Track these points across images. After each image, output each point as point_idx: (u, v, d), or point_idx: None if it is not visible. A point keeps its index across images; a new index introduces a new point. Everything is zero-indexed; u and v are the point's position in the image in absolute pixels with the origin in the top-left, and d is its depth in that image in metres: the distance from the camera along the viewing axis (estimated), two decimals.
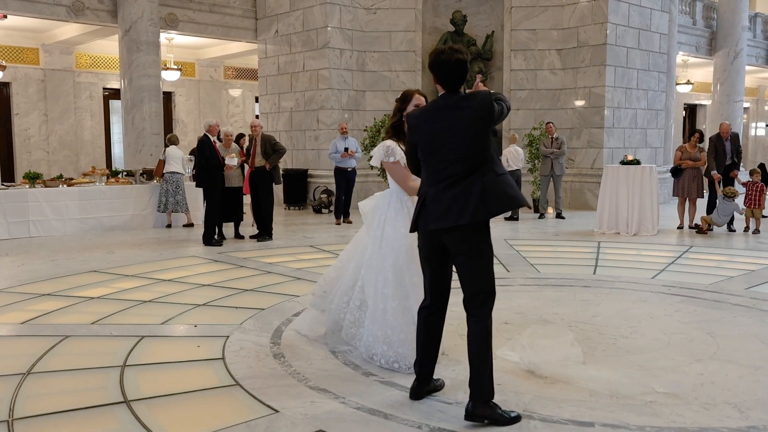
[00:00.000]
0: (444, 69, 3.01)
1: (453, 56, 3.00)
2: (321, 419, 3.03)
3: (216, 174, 8.28)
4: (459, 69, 3.00)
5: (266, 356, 3.92)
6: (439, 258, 3.12)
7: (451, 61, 2.99)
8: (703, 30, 17.88)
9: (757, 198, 9.23)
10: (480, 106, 2.97)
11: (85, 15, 11.78)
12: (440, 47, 3.10)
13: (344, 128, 10.42)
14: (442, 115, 3.02)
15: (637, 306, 5.18)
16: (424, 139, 3.06)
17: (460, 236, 2.98)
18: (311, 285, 5.85)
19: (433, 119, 3.04)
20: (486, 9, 13.08)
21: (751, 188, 9.27)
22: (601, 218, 9.38)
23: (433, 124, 3.03)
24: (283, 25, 13.37)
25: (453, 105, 3.02)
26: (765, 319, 4.78)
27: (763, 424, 2.98)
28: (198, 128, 15.85)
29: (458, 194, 2.93)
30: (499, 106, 2.99)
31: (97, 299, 5.39)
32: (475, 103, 2.98)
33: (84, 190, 9.57)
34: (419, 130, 3.08)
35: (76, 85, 14.71)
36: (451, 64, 2.99)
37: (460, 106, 3.00)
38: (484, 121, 2.97)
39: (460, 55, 3.00)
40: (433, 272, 3.16)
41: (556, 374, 3.55)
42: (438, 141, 3.01)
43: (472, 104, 2.99)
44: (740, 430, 2.92)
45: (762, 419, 3.02)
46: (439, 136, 3.00)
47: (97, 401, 3.22)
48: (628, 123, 12.96)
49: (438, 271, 3.16)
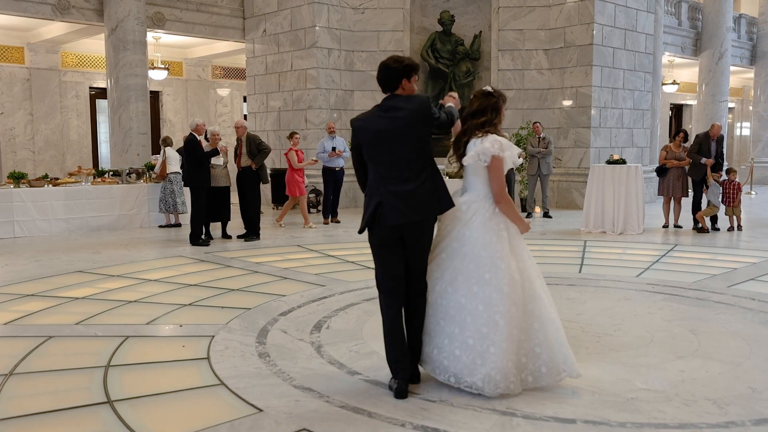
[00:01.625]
0: (379, 74, 3.33)
1: (385, 62, 3.31)
2: (305, 418, 3.04)
3: (203, 173, 8.26)
4: (385, 73, 3.29)
5: (251, 356, 3.93)
6: (394, 248, 3.34)
7: (381, 67, 3.32)
8: (688, 31, 18.04)
9: (734, 196, 9.35)
10: (418, 108, 3.22)
11: (71, 14, 11.70)
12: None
13: (332, 128, 10.43)
14: (385, 116, 3.26)
15: (621, 304, 5.23)
16: (369, 140, 3.28)
17: (421, 228, 3.30)
18: (298, 284, 5.88)
19: (377, 121, 3.27)
20: (473, 9, 13.12)
21: (728, 187, 9.39)
22: (588, 217, 9.44)
23: (377, 125, 3.26)
24: (270, 24, 13.34)
25: (393, 107, 3.26)
26: (746, 316, 4.84)
27: (741, 419, 3.02)
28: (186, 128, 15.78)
29: (415, 191, 3.22)
30: (440, 114, 3.26)
31: (82, 299, 5.36)
32: (413, 106, 3.23)
33: (70, 190, 9.51)
34: (365, 131, 3.30)
35: (62, 85, 14.60)
36: (380, 70, 3.31)
37: (399, 107, 3.24)
38: (424, 124, 3.23)
39: (391, 62, 3.29)
40: (391, 261, 3.34)
41: None
42: (382, 141, 3.24)
43: (411, 106, 3.23)
44: (719, 425, 2.96)
45: (740, 415, 3.06)
46: (383, 136, 3.23)
47: (80, 402, 3.21)
48: (615, 123, 13.05)
49: (394, 258, 3.35)
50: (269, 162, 12.87)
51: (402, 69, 3.27)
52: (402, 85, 3.30)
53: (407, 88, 3.30)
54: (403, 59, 3.34)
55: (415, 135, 3.22)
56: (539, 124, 11.09)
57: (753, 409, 3.13)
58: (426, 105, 3.23)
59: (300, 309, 5.02)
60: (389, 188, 3.24)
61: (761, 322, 4.66)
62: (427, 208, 3.27)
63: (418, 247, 3.34)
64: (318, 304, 5.17)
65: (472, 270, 3.25)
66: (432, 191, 3.26)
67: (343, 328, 4.51)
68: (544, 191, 11.11)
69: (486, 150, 3.28)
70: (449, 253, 3.33)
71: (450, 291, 3.30)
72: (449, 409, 3.12)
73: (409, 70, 3.30)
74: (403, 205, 3.22)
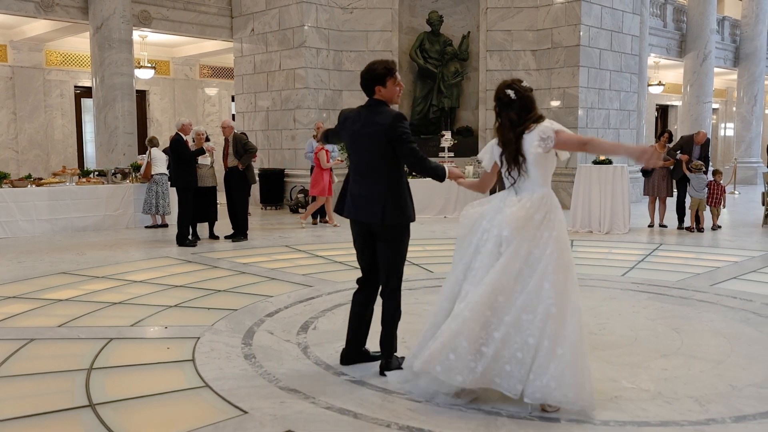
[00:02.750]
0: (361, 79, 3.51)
1: (362, 71, 3.48)
2: (290, 419, 3.03)
3: (190, 173, 8.22)
4: (361, 82, 3.49)
5: (237, 357, 3.91)
6: (359, 237, 3.58)
7: (363, 72, 3.48)
8: (673, 32, 18.19)
9: (719, 196, 9.46)
10: (387, 128, 3.37)
11: (55, 11, 11.58)
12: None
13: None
14: (362, 120, 3.47)
15: (606, 303, 5.26)
16: (347, 135, 3.56)
17: (380, 231, 3.46)
18: (286, 285, 5.87)
19: (357, 121, 3.49)
20: (462, 9, 13.15)
21: (714, 188, 9.49)
22: (575, 217, 9.50)
23: (355, 125, 3.50)
24: (259, 23, 13.29)
25: (372, 114, 3.45)
26: (727, 314, 4.90)
27: (722, 416, 3.05)
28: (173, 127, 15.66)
29: (364, 194, 3.44)
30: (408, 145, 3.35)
31: (65, 301, 5.31)
32: (384, 124, 3.38)
33: (54, 190, 9.42)
34: (346, 126, 3.56)
35: (46, 83, 14.45)
36: (362, 75, 3.48)
37: (375, 121, 3.41)
38: (388, 142, 3.38)
39: (364, 72, 3.46)
40: (357, 247, 3.62)
41: None
42: (355, 141, 3.50)
43: (383, 123, 3.38)
44: (700, 423, 2.99)
45: (721, 412, 3.10)
46: (356, 137, 3.48)
47: (62, 405, 3.18)
48: (602, 123, 13.13)
49: (359, 246, 3.60)
50: (258, 162, 12.83)
51: (373, 78, 3.42)
52: (377, 91, 3.43)
53: (385, 93, 3.44)
54: (376, 67, 3.42)
55: (381, 147, 3.39)
56: None
57: (733, 406, 3.17)
58: (393, 127, 3.35)
59: (287, 310, 5.01)
60: (351, 183, 3.56)
61: (742, 321, 4.72)
62: (367, 213, 3.43)
63: (381, 246, 3.49)
64: (305, 305, 5.16)
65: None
66: (378, 199, 3.39)
67: (330, 329, 4.50)
68: None
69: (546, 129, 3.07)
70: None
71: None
72: (435, 410, 3.12)
73: (380, 77, 3.41)
74: (352, 203, 3.51)
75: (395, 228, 3.44)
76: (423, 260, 6.98)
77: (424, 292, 5.55)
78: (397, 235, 3.46)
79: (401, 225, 3.45)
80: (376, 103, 3.46)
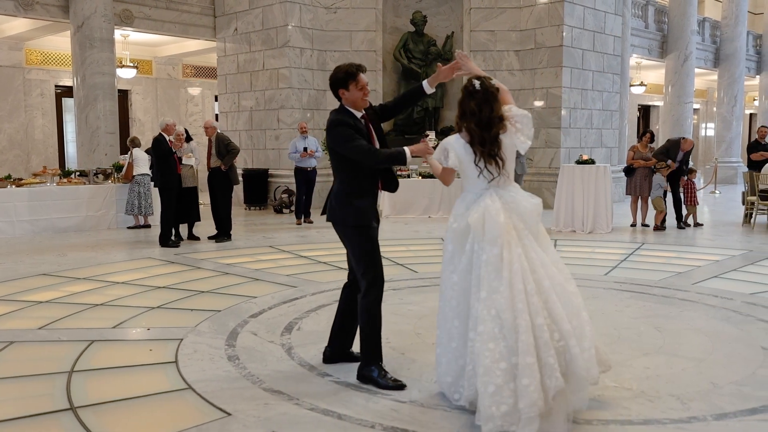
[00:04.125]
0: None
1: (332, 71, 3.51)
2: (274, 421, 3.01)
3: (172, 174, 8.15)
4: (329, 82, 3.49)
5: (220, 359, 3.88)
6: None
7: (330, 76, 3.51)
8: (655, 33, 18.37)
9: (691, 195, 9.58)
10: (327, 136, 3.52)
11: (35, 10, 11.43)
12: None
13: (304, 128, 10.37)
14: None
15: (589, 302, 5.25)
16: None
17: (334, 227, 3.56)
18: (269, 286, 5.84)
19: None
20: (446, 10, 13.18)
21: (687, 186, 9.63)
22: (558, 217, 9.56)
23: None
24: (242, 23, 13.22)
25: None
26: (709, 313, 4.95)
27: (703, 414, 3.08)
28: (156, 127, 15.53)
29: (330, 193, 3.56)
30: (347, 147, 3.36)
31: (46, 303, 5.24)
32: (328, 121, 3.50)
33: (34, 191, 9.30)
34: None
35: (26, 83, 14.27)
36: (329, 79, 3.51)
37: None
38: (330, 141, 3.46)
39: (335, 69, 3.49)
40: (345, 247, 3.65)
41: None
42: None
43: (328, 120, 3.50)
44: (682, 420, 3.02)
45: (702, 410, 3.13)
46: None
47: (41, 409, 3.13)
48: (584, 123, 13.23)
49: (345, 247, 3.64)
50: (241, 162, 12.78)
51: (335, 82, 3.45)
52: (342, 95, 3.44)
53: (349, 97, 3.43)
54: (337, 72, 3.45)
55: (331, 151, 3.51)
56: None
57: (714, 404, 3.20)
58: (328, 135, 3.46)
59: (271, 311, 4.98)
60: None
61: (723, 319, 4.77)
62: (324, 209, 3.62)
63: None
64: (289, 306, 5.14)
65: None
66: (329, 197, 3.57)
67: (314, 330, 4.48)
68: None
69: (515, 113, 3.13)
70: None
71: None
72: (419, 410, 3.12)
73: (342, 81, 3.43)
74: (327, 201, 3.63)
75: (344, 227, 3.47)
76: (407, 260, 6.98)
77: (409, 292, 5.56)
78: (349, 234, 3.47)
79: (348, 225, 3.45)
80: (338, 108, 3.50)
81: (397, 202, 10.99)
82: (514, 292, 2.88)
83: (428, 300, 5.10)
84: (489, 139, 3.09)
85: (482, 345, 2.82)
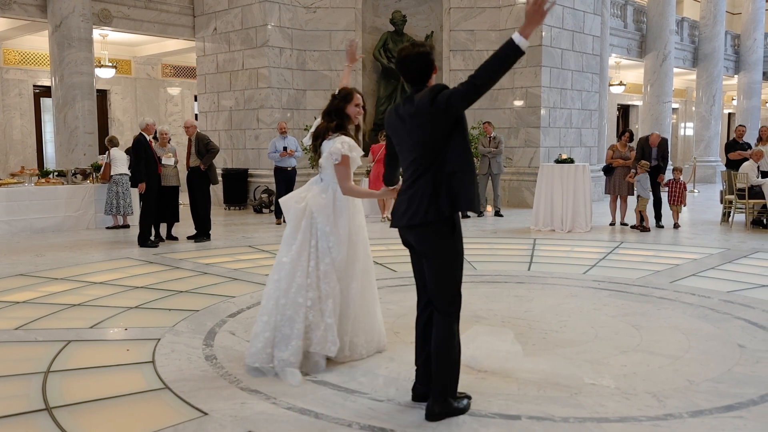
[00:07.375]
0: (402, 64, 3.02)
1: (413, 50, 2.98)
2: (250, 420, 3.00)
3: (152, 174, 8.09)
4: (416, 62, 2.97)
5: (198, 358, 3.86)
6: (411, 254, 3.14)
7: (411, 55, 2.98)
8: (633, 33, 18.57)
9: (679, 195, 9.66)
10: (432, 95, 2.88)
11: (12, 9, 11.26)
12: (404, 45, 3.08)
13: (283, 127, 10.33)
14: (402, 108, 3.00)
15: (568, 301, 5.34)
16: (390, 132, 3.12)
17: (421, 235, 2.96)
18: (248, 285, 5.81)
19: (396, 112, 3.05)
20: (425, 9, 13.21)
21: (674, 186, 9.71)
22: (537, 216, 9.62)
23: (394, 117, 3.05)
24: (221, 22, 13.14)
25: (410, 98, 2.99)
26: (686, 311, 5.01)
27: (679, 411, 3.12)
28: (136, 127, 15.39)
29: (414, 194, 2.92)
30: (456, 93, 2.83)
31: (23, 303, 5.17)
32: (427, 98, 2.88)
33: (11, 191, 9.17)
34: (387, 122, 3.12)
35: (4, 82, 14.06)
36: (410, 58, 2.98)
37: (413, 99, 2.95)
38: (444, 107, 2.84)
39: (420, 48, 2.98)
40: (413, 267, 3.16)
41: (495, 368, 3.60)
42: (398, 136, 3.03)
43: (425, 98, 2.89)
44: (658, 418, 3.05)
45: (678, 407, 3.16)
46: (399, 130, 3.02)
47: (16, 410, 3.09)
48: (564, 123, 13.33)
49: (415, 266, 3.15)
50: (221, 162, 12.71)
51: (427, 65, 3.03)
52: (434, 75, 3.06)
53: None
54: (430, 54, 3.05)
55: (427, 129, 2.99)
56: (489, 124, 11.24)
57: (690, 401, 3.24)
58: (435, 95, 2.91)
59: (249, 310, 4.96)
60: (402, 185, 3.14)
61: (700, 317, 4.83)
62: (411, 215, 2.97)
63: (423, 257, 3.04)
64: None
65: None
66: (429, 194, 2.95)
67: None
68: (495, 190, 11.27)
69: (336, 150, 3.57)
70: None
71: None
72: (397, 409, 3.13)
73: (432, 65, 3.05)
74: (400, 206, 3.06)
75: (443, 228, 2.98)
76: (387, 260, 6.98)
77: (388, 291, 5.56)
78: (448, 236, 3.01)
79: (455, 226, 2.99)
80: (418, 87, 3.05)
81: (374, 202, 10.98)
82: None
83: (407, 299, 5.10)
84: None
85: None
